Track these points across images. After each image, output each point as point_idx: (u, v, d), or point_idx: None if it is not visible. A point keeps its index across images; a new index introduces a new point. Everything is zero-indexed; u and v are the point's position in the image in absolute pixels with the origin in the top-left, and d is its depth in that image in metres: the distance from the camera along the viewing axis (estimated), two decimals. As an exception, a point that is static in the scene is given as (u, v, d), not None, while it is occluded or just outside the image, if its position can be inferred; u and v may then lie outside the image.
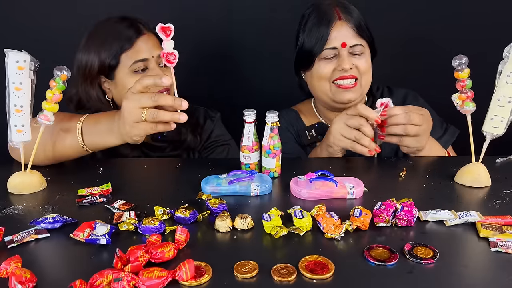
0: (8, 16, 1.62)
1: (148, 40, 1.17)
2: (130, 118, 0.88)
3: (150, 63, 1.16)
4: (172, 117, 0.87)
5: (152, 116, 0.86)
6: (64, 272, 0.66)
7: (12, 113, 0.89)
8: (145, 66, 1.16)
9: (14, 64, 0.87)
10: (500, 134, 0.92)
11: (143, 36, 1.16)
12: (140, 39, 1.15)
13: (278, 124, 0.98)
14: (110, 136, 0.95)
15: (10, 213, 0.83)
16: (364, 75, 1.20)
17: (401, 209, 0.77)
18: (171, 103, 0.87)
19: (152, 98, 0.85)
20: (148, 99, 0.86)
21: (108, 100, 1.20)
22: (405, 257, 0.67)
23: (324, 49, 1.17)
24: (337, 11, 1.18)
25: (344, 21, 1.17)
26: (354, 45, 1.17)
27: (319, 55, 1.19)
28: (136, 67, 1.15)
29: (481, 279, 0.63)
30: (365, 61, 1.19)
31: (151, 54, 1.16)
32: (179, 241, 0.69)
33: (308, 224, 0.75)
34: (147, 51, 1.15)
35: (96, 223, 0.73)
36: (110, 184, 0.92)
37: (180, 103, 0.87)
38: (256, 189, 0.89)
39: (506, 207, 0.83)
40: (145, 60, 1.15)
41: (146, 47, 1.16)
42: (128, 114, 0.88)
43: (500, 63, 0.89)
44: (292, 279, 0.62)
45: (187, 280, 0.61)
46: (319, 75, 1.20)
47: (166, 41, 0.89)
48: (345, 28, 1.17)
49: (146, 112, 0.86)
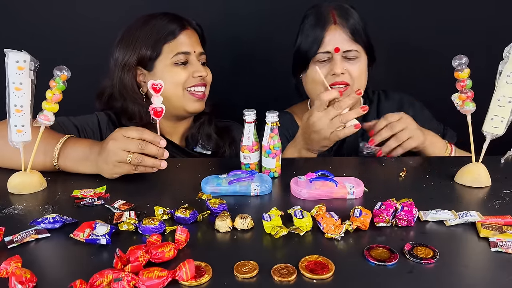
0: (8, 16, 1.62)
1: (191, 35, 1.23)
2: (115, 158, 0.91)
3: (191, 57, 1.20)
4: (154, 164, 0.92)
5: (137, 161, 0.91)
6: (64, 272, 0.66)
7: (12, 113, 0.89)
8: (186, 60, 1.20)
9: (14, 64, 0.87)
10: (500, 134, 0.92)
11: (186, 30, 1.21)
12: (183, 32, 1.20)
13: (278, 124, 0.98)
14: (83, 165, 0.97)
15: (10, 213, 0.83)
16: (357, 80, 1.19)
17: (401, 209, 0.77)
18: (155, 153, 0.92)
19: (140, 146, 0.90)
20: (135, 146, 0.90)
21: (142, 94, 1.23)
22: (405, 257, 0.67)
23: (318, 53, 1.17)
24: (333, 14, 1.18)
25: (338, 25, 1.17)
26: (348, 50, 1.17)
27: (313, 58, 1.18)
28: (177, 59, 1.19)
29: (481, 279, 0.63)
30: (358, 67, 1.18)
31: (193, 49, 1.21)
32: (179, 241, 0.69)
33: (308, 224, 0.75)
34: (189, 45, 1.20)
35: (96, 223, 0.73)
36: (105, 187, 0.92)
37: (163, 153, 0.93)
38: (256, 189, 0.89)
39: (506, 207, 0.83)
40: (187, 53, 1.20)
41: (189, 41, 1.21)
42: (113, 154, 0.91)
43: (500, 63, 0.89)
44: (292, 279, 0.62)
45: (187, 280, 0.61)
46: (313, 79, 1.20)
47: (155, 97, 0.94)
48: (339, 32, 1.17)
49: (132, 156, 0.90)
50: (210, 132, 1.31)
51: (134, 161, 0.90)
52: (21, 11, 1.62)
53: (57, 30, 1.62)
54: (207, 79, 1.24)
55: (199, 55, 1.23)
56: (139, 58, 1.19)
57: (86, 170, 0.97)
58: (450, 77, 0.94)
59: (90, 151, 0.96)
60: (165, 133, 1.28)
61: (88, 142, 0.99)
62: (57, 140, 0.98)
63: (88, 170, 0.97)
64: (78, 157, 0.97)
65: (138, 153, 0.90)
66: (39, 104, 0.92)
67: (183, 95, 1.21)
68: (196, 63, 1.21)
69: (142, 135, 0.91)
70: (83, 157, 0.97)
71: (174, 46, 1.19)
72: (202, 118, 1.31)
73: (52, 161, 0.97)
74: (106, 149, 0.91)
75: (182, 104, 1.22)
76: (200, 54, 1.23)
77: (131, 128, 0.93)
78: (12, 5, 1.61)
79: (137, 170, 0.93)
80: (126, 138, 0.90)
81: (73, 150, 0.97)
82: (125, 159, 0.90)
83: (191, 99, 1.22)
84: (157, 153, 0.92)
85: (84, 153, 0.97)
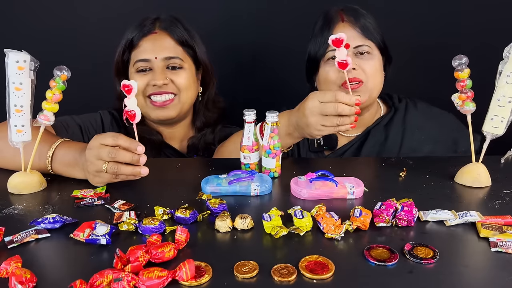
0: (8, 16, 1.62)
1: (157, 39, 1.19)
2: (92, 167, 0.88)
3: (153, 64, 1.18)
4: (133, 171, 0.87)
5: (113, 170, 0.86)
6: (64, 272, 0.66)
7: (12, 113, 0.89)
8: (147, 67, 1.18)
9: (14, 64, 0.87)
10: (500, 134, 0.92)
11: (151, 35, 1.19)
12: (145, 38, 1.19)
13: (279, 124, 0.98)
14: (74, 170, 0.95)
15: (10, 213, 0.83)
16: (371, 78, 1.15)
17: (401, 209, 0.77)
18: (129, 160, 0.86)
19: (110, 154, 0.85)
20: (106, 154, 0.85)
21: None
22: (405, 257, 0.67)
23: (327, 51, 1.16)
24: (341, 14, 1.17)
25: (347, 23, 1.15)
26: (359, 46, 1.14)
27: (324, 58, 1.17)
28: (137, 67, 1.18)
29: (481, 279, 0.63)
30: (371, 64, 1.15)
31: (154, 55, 1.17)
32: (179, 241, 0.69)
33: (308, 224, 0.75)
34: (151, 51, 1.18)
35: (96, 223, 0.73)
36: (105, 187, 0.92)
37: (138, 159, 0.86)
38: (256, 189, 0.89)
39: (506, 207, 0.83)
40: (146, 60, 1.17)
41: (152, 47, 1.18)
42: (90, 163, 0.88)
43: (500, 63, 0.89)
44: (292, 279, 0.62)
45: (187, 280, 0.61)
46: (326, 79, 1.18)
47: (127, 99, 0.87)
48: (348, 29, 1.15)
49: (107, 165, 0.86)
50: (211, 141, 1.30)
51: (110, 171, 0.86)
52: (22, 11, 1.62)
53: (57, 30, 1.62)
54: (170, 86, 1.19)
55: (166, 59, 1.18)
56: (117, 66, 1.22)
57: (77, 175, 0.95)
58: (450, 77, 0.94)
59: (79, 156, 0.93)
60: (164, 138, 1.28)
61: (79, 147, 0.95)
62: (50, 144, 0.96)
63: (79, 176, 0.95)
64: (69, 162, 0.94)
65: (113, 162, 0.86)
66: (39, 104, 0.92)
67: (145, 103, 1.20)
68: (157, 70, 1.17)
69: (117, 141, 0.86)
70: (73, 163, 0.94)
71: (136, 53, 1.19)
72: (204, 130, 1.31)
73: (47, 166, 0.95)
74: (84, 159, 0.89)
75: (146, 112, 1.21)
76: (167, 59, 1.18)
77: (107, 134, 0.87)
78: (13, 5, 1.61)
79: (118, 178, 0.89)
80: (100, 146, 0.86)
81: (65, 155, 0.95)
82: (101, 169, 0.87)
83: (152, 107, 1.20)
84: (132, 160, 0.86)
85: (74, 159, 0.94)
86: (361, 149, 1.23)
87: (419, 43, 1.63)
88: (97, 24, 1.62)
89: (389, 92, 1.33)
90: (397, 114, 1.26)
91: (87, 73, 1.48)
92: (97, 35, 1.61)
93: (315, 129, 0.98)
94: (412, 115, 1.26)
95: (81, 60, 1.50)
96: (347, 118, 0.96)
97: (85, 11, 1.62)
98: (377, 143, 1.22)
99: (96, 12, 1.62)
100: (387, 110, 1.30)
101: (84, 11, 1.62)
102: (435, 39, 1.61)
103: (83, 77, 1.32)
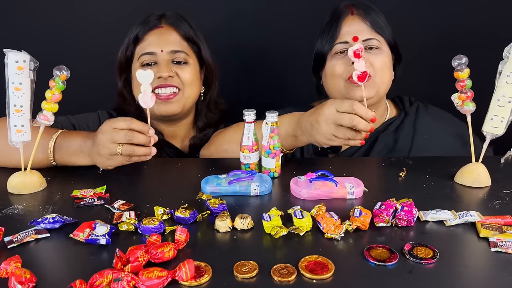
0: (8, 16, 1.62)
1: (163, 33, 1.20)
2: (105, 151, 0.91)
3: (158, 57, 1.18)
4: (146, 152, 0.92)
5: (128, 152, 0.90)
6: (64, 272, 0.66)
7: (12, 113, 0.89)
8: (153, 60, 1.19)
9: (14, 64, 0.87)
10: (500, 134, 0.92)
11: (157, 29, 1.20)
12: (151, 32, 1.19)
13: (278, 124, 0.97)
14: (78, 157, 0.98)
15: (10, 213, 0.83)
16: (379, 74, 1.12)
17: (401, 209, 0.77)
18: (143, 142, 0.91)
19: (127, 136, 0.89)
20: (122, 137, 0.89)
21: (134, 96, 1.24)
22: (405, 257, 0.67)
23: (335, 44, 1.14)
24: (351, 7, 1.15)
25: (356, 16, 1.14)
26: (368, 39, 1.12)
27: (331, 51, 1.15)
28: (142, 60, 1.18)
29: (481, 279, 0.63)
30: (381, 59, 1.12)
31: (160, 48, 1.18)
32: (179, 241, 0.69)
33: (308, 224, 0.74)
34: (156, 44, 1.18)
35: (96, 223, 0.73)
36: (105, 187, 0.92)
37: (150, 141, 0.91)
38: (256, 189, 0.89)
39: (506, 207, 0.83)
40: (152, 53, 1.18)
41: (158, 41, 1.19)
42: (103, 147, 0.91)
43: (500, 63, 0.89)
44: (292, 279, 0.62)
45: (187, 280, 0.61)
46: (332, 73, 1.15)
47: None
48: (357, 22, 1.13)
49: (122, 148, 0.90)
50: None
51: (125, 153, 0.90)
52: (21, 11, 1.62)
53: (56, 30, 1.62)
54: (175, 80, 1.19)
55: (171, 53, 1.18)
56: (120, 63, 1.23)
57: (82, 162, 0.98)
58: (449, 77, 0.94)
59: (84, 143, 0.96)
60: (166, 136, 1.28)
61: (81, 134, 0.99)
62: (50, 136, 0.98)
63: (84, 162, 0.98)
64: (72, 150, 0.98)
65: (128, 144, 0.90)
66: (38, 104, 0.92)
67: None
68: (162, 63, 1.17)
69: (130, 125, 0.90)
70: (78, 150, 0.97)
71: (141, 47, 1.19)
72: (206, 130, 1.31)
73: (48, 157, 0.98)
74: (96, 143, 0.92)
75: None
76: (173, 52, 1.18)
77: (119, 118, 0.92)
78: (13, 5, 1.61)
79: (131, 160, 0.93)
80: (114, 130, 0.90)
81: (67, 144, 0.98)
82: (116, 151, 0.90)
83: (156, 101, 1.18)
84: (145, 142, 0.91)
85: (78, 146, 0.97)
86: (369, 154, 1.20)
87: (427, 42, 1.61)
88: (96, 24, 1.62)
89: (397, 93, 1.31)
90: (408, 119, 1.23)
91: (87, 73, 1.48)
92: (96, 35, 1.61)
93: (326, 137, 0.95)
94: (423, 120, 1.22)
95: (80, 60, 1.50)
96: (359, 134, 0.93)
97: (84, 11, 1.62)
98: (385, 147, 1.20)
99: (95, 12, 1.62)
100: (397, 113, 1.27)
101: (83, 11, 1.62)
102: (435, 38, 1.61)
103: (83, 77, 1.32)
